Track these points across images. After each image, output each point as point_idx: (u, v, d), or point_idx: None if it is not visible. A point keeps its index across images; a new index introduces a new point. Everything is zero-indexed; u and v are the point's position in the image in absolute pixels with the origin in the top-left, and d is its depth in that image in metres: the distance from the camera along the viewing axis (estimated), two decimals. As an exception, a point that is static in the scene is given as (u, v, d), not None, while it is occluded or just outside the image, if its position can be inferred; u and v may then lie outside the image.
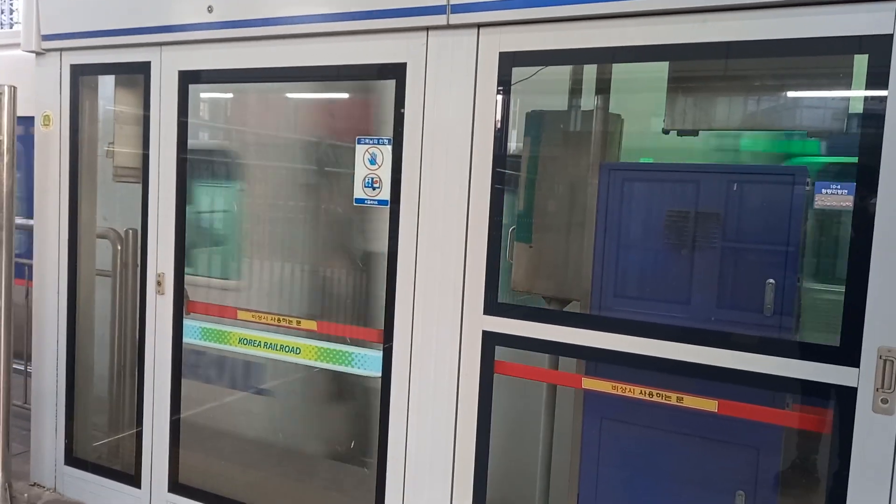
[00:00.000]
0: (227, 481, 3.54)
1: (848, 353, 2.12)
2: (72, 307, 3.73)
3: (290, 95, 4.08)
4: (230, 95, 4.24)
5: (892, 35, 2.01)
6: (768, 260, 2.46)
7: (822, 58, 2.29)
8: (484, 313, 2.67)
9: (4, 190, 3.52)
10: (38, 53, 3.69)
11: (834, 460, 2.17)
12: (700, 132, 2.58)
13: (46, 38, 3.63)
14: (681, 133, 2.57)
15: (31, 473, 3.90)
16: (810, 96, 2.46)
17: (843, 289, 2.10)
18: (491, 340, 2.67)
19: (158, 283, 3.41)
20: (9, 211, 3.55)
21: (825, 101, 2.41)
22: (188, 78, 3.28)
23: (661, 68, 2.57)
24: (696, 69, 2.55)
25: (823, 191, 2.15)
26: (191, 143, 3.35)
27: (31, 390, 3.95)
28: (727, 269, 2.55)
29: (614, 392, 2.50)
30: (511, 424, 3.19)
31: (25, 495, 3.75)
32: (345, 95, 3.81)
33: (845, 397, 2.13)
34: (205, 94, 3.99)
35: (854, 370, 2.11)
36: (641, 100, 3.04)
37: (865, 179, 2.07)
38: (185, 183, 3.33)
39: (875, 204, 2.05)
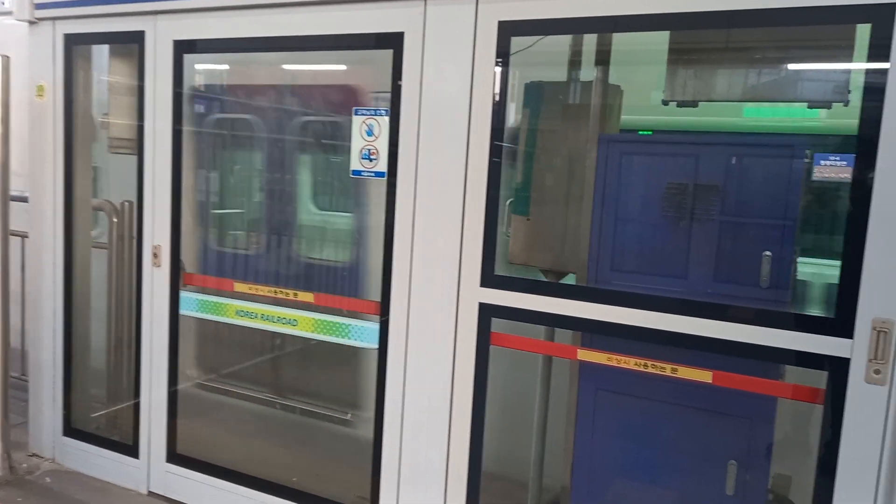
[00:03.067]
0: (226, 450, 3.58)
1: (842, 325, 2.13)
2: (68, 279, 3.72)
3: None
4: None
5: (895, 4, 1.99)
6: (765, 233, 2.46)
7: (825, 28, 2.27)
8: (480, 285, 2.67)
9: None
10: (31, 23, 3.64)
11: (826, 430, 2.19)
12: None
13: (39, 6, 3.58)
14: (680, 104, 2.56)
15: (30, 444, 3.93)
16: (812, 68, 2.44)
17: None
18: (487, 312, 2.68)
19: (155, 256, 3.41)
20: (4, 182, 3.53)
21: (827, 72, 2.39)
22: (183, 47, 3.24)
23: (662, 39, 2.54)
24: (696, 40, 2.53)
25: (822, 162, 2.15)
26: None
27: (29, 362, 3.97)
28: (724, 241, 2.55)
29: (609, 363, 2.52)
30: (507, 395, 3.21)
31: (24, 465, 3.78)
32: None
33: (839, 368, 2.15)
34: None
35: (848, 341, 2.13)
36: (643, 72, 3.02)
37: (864, 151, 2.07)
38: (180, 154, 3.31)
39: (873, 176, 2.05)
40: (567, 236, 2.88)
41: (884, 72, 2.02)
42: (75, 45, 3.58)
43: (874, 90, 2.04)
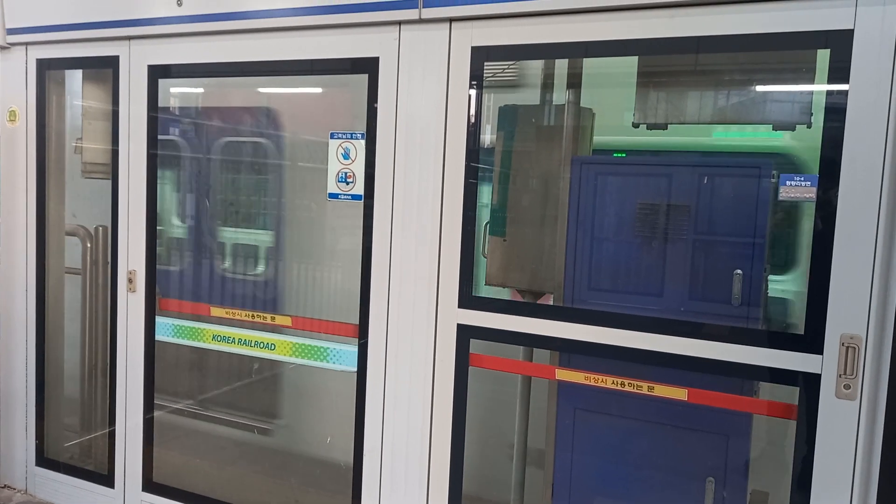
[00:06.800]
0: (203, 478, 3.52)
1: (812, 341, 2.17)
2: (41, 306, 3.67)
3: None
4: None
5: (852, 30, 2.06)
6: (736, 251, 2.51)
7: (788, 53, 2.34)
8: (458, 307, 2.68)
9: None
10: (3, 48, 3.62)
11: (800, 445, 2.22)
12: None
13: (11, 31, 3.56)
14: (650, 127, 2.60)
15: (2, 475, 3.83)
16: (776, 90, 2.51)
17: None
18: (465, 334, 2.68)
19: (130, 281, 3.37)
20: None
21: (790, 95, 2.46)
22: (157, 72, 3.24)
23: (632, 63, 2.60)
24: (664, 64, 2.59)
25: (788, 182, 2.20)
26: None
27: (0, 391, 3.88)
28: (697, 260, 2.59)
29: (587, 382, 2.54)
30: (486, 415, 3.21)
31: (-5, 498, 3.70)
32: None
33: (810, 384, 2.18)
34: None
35: (818, 357, 2.17)
36: (614, 94, 3.08)
37: (828, 171, 2.12)
38: (155, 179, 3.30)
39: (837, 195, 2.11)
40: (543, 257, 2.91)
41: (844, 93, 2.09)
42: (48, 70, 3.56)
43: (835, 112, 2.10)
